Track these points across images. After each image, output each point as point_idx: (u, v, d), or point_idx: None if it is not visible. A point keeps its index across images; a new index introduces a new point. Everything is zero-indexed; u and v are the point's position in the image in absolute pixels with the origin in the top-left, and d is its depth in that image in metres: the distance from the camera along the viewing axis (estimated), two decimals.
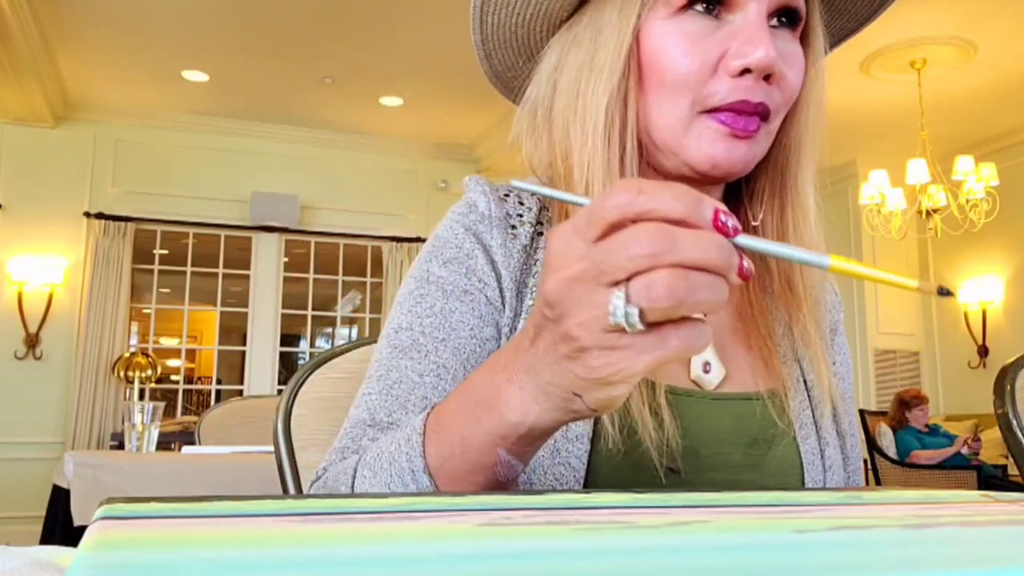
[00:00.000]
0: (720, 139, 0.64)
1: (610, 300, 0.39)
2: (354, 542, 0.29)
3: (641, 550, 0.28)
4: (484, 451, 0.49)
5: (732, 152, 0.64)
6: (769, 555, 0.28)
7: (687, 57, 0.64)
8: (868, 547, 0.30)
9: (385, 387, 0.67)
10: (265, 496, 0.38)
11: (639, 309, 0.38)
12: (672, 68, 0.64)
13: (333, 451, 0.67)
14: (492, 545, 0.28)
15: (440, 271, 0.71)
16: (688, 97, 0.64)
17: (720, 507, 0.39)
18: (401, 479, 0.53)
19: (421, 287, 0.71)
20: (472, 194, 0.75)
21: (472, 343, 0.68)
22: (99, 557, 0.25)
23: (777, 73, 0.63)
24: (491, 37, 0.76)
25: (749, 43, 0.62)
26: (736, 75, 0.63)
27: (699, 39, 0.64)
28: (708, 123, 0.64)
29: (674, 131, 0.65)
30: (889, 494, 0.50)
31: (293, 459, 0.86)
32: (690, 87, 0.64)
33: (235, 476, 1.92)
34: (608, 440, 0.63)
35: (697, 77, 0.64)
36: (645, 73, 0.66)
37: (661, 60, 0.64)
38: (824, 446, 0.72)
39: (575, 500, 0.40)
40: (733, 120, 0.63)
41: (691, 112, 0.64)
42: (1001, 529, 0.35)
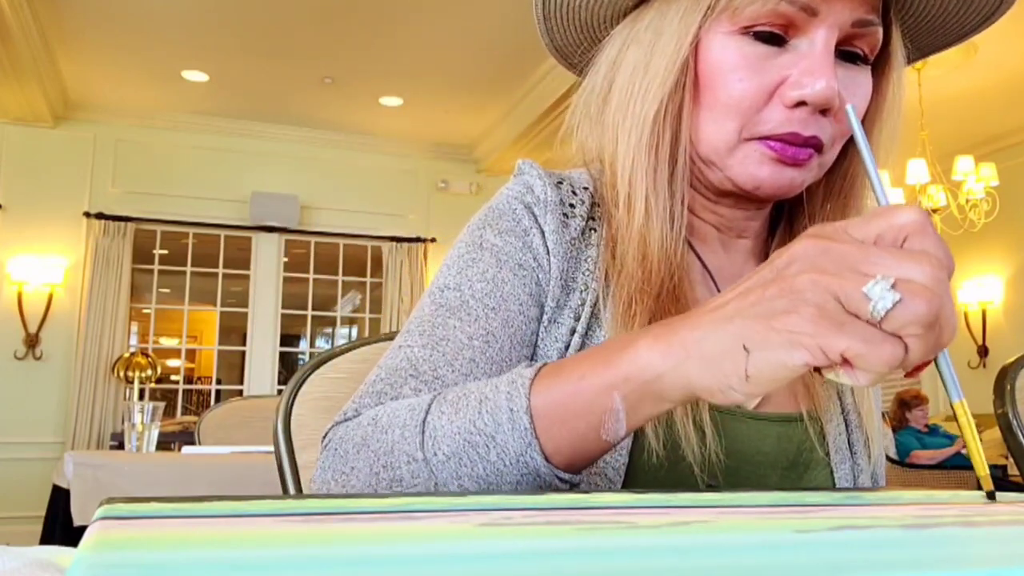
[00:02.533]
0: (767, 162, 0.63)
1: (875, 279, 0.39)
2: (354, 542, 0.29)
3: (641, 550, 0.28)
4: (600, 392, 0.48)
5: (778, 176, 0.63)
6: (770, 555, 0.28)
7: (743, 82, 0.62)
8: (868, 547, 0.30)
9: (430, 342, 0.63)
10: (265, 496, 0.38)
11: (897, 301, 0.39)
12: (726, 90, 0.62)
13: (363, 395, 0.62)
14: (492, 545, 0.28)
15: (495, 239, 0.67)
16: (737, 122, 0.63)
17: (720, 507, 0.39)
18: (493, 417, 0.50)
19: (473, 252, 0.67)
20: (528, 176, 0.70)
21: (520, 319, 0.65)
22: (99, 557, 0.25)
23: (835, 107, 0.61)
24: (553, 15, 0.73)
25: (809, 74, 0.60)
26: (791, 106, 0.61)
27: (759, 63, 0.62)
28: (756, 147, 0.63)
29: (718, 150, 0.64)
30: (889, 494, 0.50)
31: (293, 459, 0.86)
32: (741, 112, 0.62)
33: (235, 476, 1.92)
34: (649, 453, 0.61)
35: (751, 103, 0.62)
36: (700, 88, 0.64)
37: (716, 79, 0.63)
38: (858, 473, 0.71)
39: (575, 500, 0.40)
40: (782, 148, 0.62)
41: (738, 137, 0.63)
42: (1001, 529, 0.35)
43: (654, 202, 0.64)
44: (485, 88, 5.31)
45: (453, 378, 0.61)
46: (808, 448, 0.68)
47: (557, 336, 0.65)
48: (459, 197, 6.43)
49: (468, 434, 0.51)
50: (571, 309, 0.66)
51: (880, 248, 0.41)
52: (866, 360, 0.40)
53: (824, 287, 0.40)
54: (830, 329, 0.40)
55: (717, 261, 0.72)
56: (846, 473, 0.70)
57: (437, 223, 6.39)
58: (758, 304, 0.42)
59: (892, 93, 0.68)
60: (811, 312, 0.40)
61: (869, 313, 0.39)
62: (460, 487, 0.51)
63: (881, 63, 0.67)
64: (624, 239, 0.65)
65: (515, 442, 0.49)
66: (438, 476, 0.51)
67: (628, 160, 0.65)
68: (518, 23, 4.43)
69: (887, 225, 0.42)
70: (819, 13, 0.60)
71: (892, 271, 0.40)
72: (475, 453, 0.50)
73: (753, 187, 0.64)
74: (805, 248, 0.42)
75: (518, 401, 0.50)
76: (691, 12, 0.63)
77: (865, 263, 0.40)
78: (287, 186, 6.05)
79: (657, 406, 0.47)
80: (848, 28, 0.62)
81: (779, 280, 0.42)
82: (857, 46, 0.64)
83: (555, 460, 0.50)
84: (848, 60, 0.64)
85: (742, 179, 0.64)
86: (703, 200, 0.70)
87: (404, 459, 0.53)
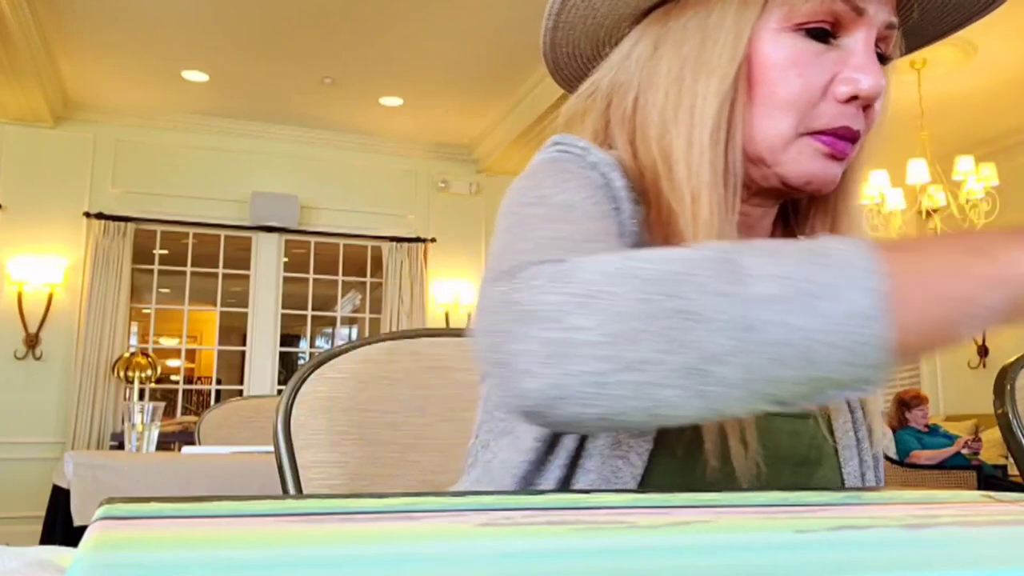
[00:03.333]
0: (819, 158, 0.65)
1: None
2: (354, 542, 0.29)
3: (641, 550, 0.28)
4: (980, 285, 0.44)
5: (827, 171, 0.65)
6: (769, 555, 0.28)
7: (802, 77, 0.63)
8: (868, 547, 0.30)
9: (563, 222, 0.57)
10: (265, 496, 0.38)
11: None
12: (786, 87, 0.64)
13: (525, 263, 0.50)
14: (492, 545, 0.28)
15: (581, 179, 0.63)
16: (795, 117, 0.64)
17: (720, 507, 0.39)
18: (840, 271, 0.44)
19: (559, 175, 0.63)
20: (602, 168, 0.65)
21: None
22: (99, 557, 0.25)
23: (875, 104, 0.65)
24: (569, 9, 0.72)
25: (860, 71, 0.63)
26: (843, 101, 0.63)
27: (812, 60, 0.64)
28: (810, 143, 0.64)
29: (773, 146, 0.65)
30: (889, 494, 0.50)
31: (293, 459, 0.86)
32: (800, 108, 0.64)
33: (235, 476, 1.92)
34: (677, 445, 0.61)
35: (808, 99, 0.64)
36: (754, 84, 0.65)
37: (773, 75, 0.64)
38: (865, 469, 0.71)
39: (575, 500, 0.40)
40: (834, 143, 0.64)
41: (794, 132, 0.64)
42: (1001, 529, 0.35)
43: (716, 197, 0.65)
44: (485, 88, 5.31)
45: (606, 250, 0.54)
46: (818, 445, 0.68)
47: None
48: (459, 197, 6.43)
49: (802, 281, 0.44)
50: None
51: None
52: None
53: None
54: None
55: None
56: (854, 469, 0.70)
57: (437, 223, 6.39)
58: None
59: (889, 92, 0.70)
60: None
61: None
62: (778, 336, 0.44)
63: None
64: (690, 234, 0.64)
65: (865, 302, 0.43)
66: (751, 315, 0.44)
67: (694, 157, 0.65)
68: (518, 23, 4.43)
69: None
70: (865, 12, 0.63)
71: None
72: (808, 302, 0.44)
73: (804, 182, 0.65)
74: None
75: (873, 263, 0.44)
76: (747, 8, 0.64)
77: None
78: (287, 186, 6.05)
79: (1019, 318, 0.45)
80: (883, 30, 0.65)
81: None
82: (881, 47, 0.66)
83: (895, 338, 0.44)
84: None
85: (793, 175, 0.65)
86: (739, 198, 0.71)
87: (704, 290, 0.45)
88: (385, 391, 0.94)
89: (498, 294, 0.49)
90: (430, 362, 0.98)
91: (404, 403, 0.95)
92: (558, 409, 0.46)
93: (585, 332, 0.45)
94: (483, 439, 0.70)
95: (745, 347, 0.43)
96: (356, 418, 0.91)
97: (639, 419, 0.46)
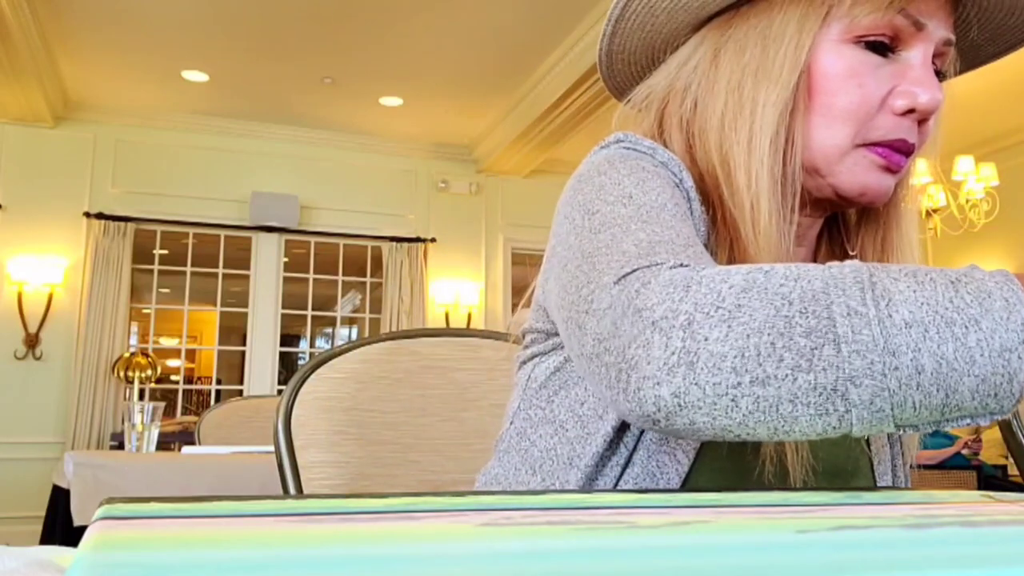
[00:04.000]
0: (874, 170, 0.65)
1: None
2: (354, 542, 0.29)
3: (641, 550, 0.28)
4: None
5: (882, 183, 0.66)
6: (770, 555, 0.28)
7: (862, 88, 0.64)
8: (868, 547, 0.30)
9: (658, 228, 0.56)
10: (265, 496, 0.38)
11: None
12: (846, 97, 0.64)
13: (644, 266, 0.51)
14: (492, 545, 0.28)
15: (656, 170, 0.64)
16: (853, 128, 0.65)
17: (721, 507, 0.39)
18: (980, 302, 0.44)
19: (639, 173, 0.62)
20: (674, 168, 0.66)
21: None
22: (99, 557, 0.25)
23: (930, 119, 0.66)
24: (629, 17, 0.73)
25: (918, 84, 0.64)
26: (900, 114, 0.64)
27: (871, 72, 0.64)
28: (866, 154, 0.65)
29: (829, 156, 0.66)
30: (889, 494, 0.50)
31: (293, 459, 0.86)
32: (858, 119, 0.64)
33: (235, 476, 1.92)
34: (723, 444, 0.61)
35: (866, 110, 0.64)
36: (813, 94, 0.65)
37: (832, 86, 0.65)
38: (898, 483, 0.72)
39: (575, 500, 0.40)
40: (890, 155, 0.65)
41: (850, 143, 0.65)
42: (1001, 529, 0.35)
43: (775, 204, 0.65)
44: (485, 88, 5.31)
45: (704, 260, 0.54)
46: (855, 456, 0.69)
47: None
48: (459, 197, 6.43)
49: (943, 308, 0.44)
50: None
51: None
52: None
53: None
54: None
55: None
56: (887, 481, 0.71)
57: (437, 223, 6.39)
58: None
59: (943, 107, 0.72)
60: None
61: None
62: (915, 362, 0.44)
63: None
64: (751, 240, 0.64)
65: (1007, 334, 0.44)
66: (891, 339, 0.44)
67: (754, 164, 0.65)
68: (518, 23, 4.43)
69: None
70: (924, 28, 0.64)
71: None
72: (948, 331, 0.44)
73: (859, 194, 0.66)
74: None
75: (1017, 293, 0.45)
76: (808, 19, 0.65)
77: None
78: (287, 186, 6.05)
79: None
80: (940, 46, 0.66)
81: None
82: (937, 63, 0.67)
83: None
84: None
85: (847, 185, 0.66)
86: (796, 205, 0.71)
87: (841, 310, 0.44)
88: (385, 391, 0.94)
89: (618, 297, 0.49)
90: (430, 362, 0.98)
91: (404, 403, 0.95)
92: (678, 417, 0.46)
93: (715, 343, 0.45)
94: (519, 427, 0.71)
95: (882, 370, 0.44)
96: (356, 418, 0.91)
97: (760, 433, 0.46)
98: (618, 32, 0.74)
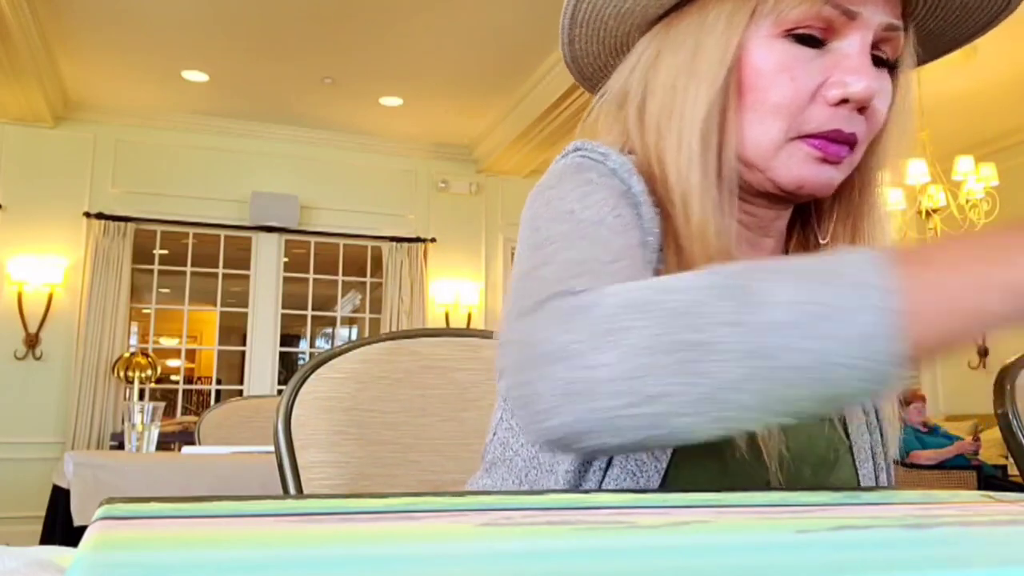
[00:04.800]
0: (810, 162, 0.65)
1: None
2: (354, 542, 0.29)
3: (641, 550, 0.28)
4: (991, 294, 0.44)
5: (820, 175, 0.65)
6: (770, 555, 0.28)
7: (793, 81, 0.64)
8: (868, 547, 0.30)
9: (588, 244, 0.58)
10: (265, 496, 0.38)
11: None
12: (776, 92, 0.64)
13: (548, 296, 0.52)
14: (492, 545, 0.28)
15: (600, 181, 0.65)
16: (785, 122, 0.64)
17: (720, 507, 0.39)
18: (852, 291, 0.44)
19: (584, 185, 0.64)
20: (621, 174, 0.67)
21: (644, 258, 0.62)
22: (99, 557, 0.25)
23: (871, 106, 0.64)
24: (580, 24, 0.74)
25: (851, 73, 0.63)
26: (834, 104, 0.63)
27: (802, 64, 0.64)
28: (800, 147, 0.65)
29: (763, 151, 0.65)
30: (889, 494, 0.50)
31: (293, 459, 0.86)
32: (789, 113, 0.64)
33: (235, 476, 1.92)
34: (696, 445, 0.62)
35: (797, 104, 0.64)
36: (744, 90, 0.65)
37: (763, 81, 0.64)
38: (879, 472, 0.72)
39: (575, 500, 0.40)
40: (825, 146, 0.64)
41: (784, 137, 0.65)
42: (1001, 529, 0.35)
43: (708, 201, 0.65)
44: (485, 88, 5.31)
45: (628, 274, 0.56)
46: (835, 447, 0.69)
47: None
48: (459, 197, 6.43)
49: (811, 304, 0.45)
50: None
51: None
52: None
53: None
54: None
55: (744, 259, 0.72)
56: (869, 471, 0.71)
57: (437, 223, 6.39)
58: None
59: (901, 97, 0.70)
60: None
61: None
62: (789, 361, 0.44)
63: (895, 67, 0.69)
64: (686, 236, 0.66)
65: (875, 322, 0.43)
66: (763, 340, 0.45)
67: (683, 161, 0.66)
68: (518, 23, 4.43)
69: None
70: (857, 17, 0.63)
71: None
72: (815, 326, 0.44)
73: (796, 187, 0.66)
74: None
75: (882, 279, 0.44)
76: (736, 16, 0.65)
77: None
78: (287, 186, 6.05)
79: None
80: (880, 32, 0.65)
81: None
82: (883, 50, 0.66)
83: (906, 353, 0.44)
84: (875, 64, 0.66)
85: (785, 179, 0.66)
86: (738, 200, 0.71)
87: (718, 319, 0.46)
88: (385, 391, 0.94)
89: (521, 331, 0.51)
90: (430, 362, 0.98)
91: (404, 403, 0.95)
92: (582, 442, 0.48)
93: (604, 369, 0.46)
94: (502, 436, 0.72)
95: (758, 374, 0.45)
96: (356, 418, 0.91)
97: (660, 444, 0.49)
98: (575, 39, 0.75)
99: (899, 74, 0.70)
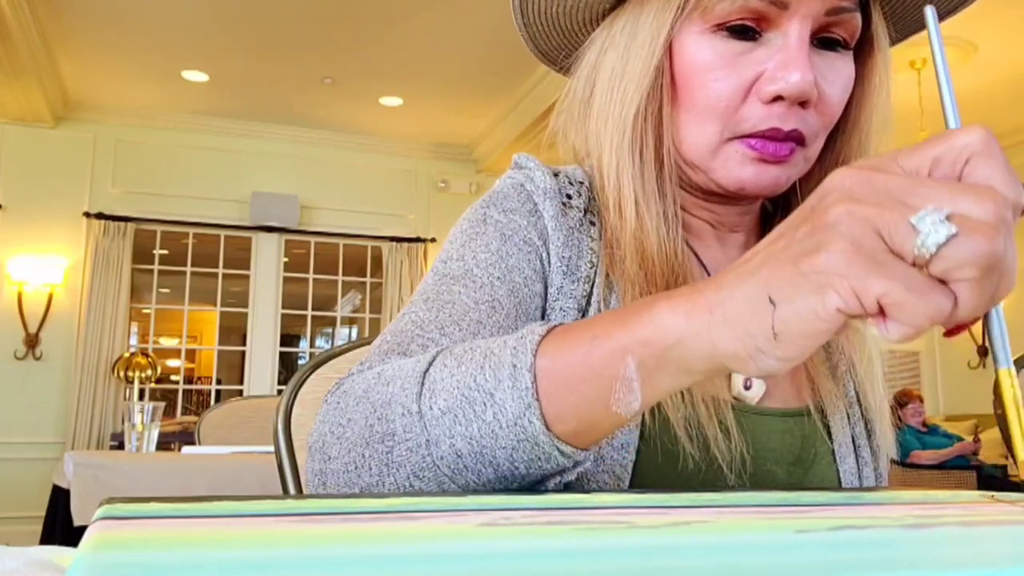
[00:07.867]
0: (749, 163, 0.62)
1: (926, 209, 0.34)
2: (354, 542, 0.29)
3: (641, 550, 0.28)
4: (613, 356, 0.41)
5: (761, 176, 0.62)
6: (769, 555, 0.28)
7: (720, 82, 0.61)
8: (868, 547, 0.30)
9: (435, 306, 0.59)
10: (265, 496, 0.38)
11: (952, 235, 0.33)
12: (704, 91, 0.61)
13: (370, 356, 0.57)
14: (492, 545, 0.28)
15: (499, 216, 0.66)
16: (718, 123, 0.62)
17: (720, 507, 0.39)
18: (495, 373, 0.44)
19: (477, 227, 0.66)
20: (527, 169, 0.70)
21: (526, 291, 0.63)
22: (99, 557, 0.25)
23: (813, 99, 0.60)
24: (533, 23, 0.73)
25: (784, 68, 0.59)
26: (768, 101, 0.60)
27: (733, 60, 0.61)
28: (737, 147, 0.62)
29: (701, 152, 0.63)
30: (889, 494, 0.50)
31: (293, 459, 0.86)
32: (720, 113, 0.61)
33: (235, 476, 1.92)
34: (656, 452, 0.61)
35: (728, 103, 0.61)
36: (677, 89, 0.63)
37: (693, 80, 0.62)
38: (862, 466, 0.71)
39: (575, 500, 0.40)
40: (763, 146, 0.61)
41: (720, 138, 0.62)
42: (1001, 529, 0.35)
43: (645, 206, 0.64)
44: (485, 88, 5.31)
45: (460, 336, 0.57)
46: (813, 443, 0.68)
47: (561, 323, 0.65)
48: (459, 197, 6.43)
49: (467, 389, 0.45)
50: (575, 299, 0.65)
51: (934, 179, 0.35)
52: (905, 310, 0.34)
53: (862, 217, 0.34)
54: (867, 268, 0.34)
55: (713, 256, 0.72)
56: (850, 468, 0.69)
57: (437, 223, 6.39)
58: (787, 248, 0.37)
59: (879, 77, 0.67)
60: (844, 248, 0.34)
61: (916, 249, 0.33)
62: (452, 448, 0.45)
63: (863, 47, 0.66)
64: (621, 242, 0.65)
65: (514, 402, 0.43)
66: (430, 432, 0.45)
67: (613, 164, 0.65)
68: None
69: (945, 147, 0.37)
70: (789, 6, 0.60)
71: (946, 204, 0.33)
72: (471, 411, 0.44)
73: (737, 188, 0.64)
74: (842, 178, 0.36)
75: (522, 358, 0.44)
76: (662, 13, 0.62)
77: (914, 195, 0.34)
78: (287, 186, 6.05)
79: (677, 378, 0.41)
80: (822, 17, 0.61)
81: (812, 216, 0.36)
82: (835, 32, 0.62)
83: (556, 428, 0.43)
84: (827, 47, 0.63)
85: (725, 181, 0.63)
86: (693, 199, 0.70)
87: (399, 411, 0.47)
88: None
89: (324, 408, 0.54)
90: None
91: None
92: None
93: (334, 461, 0.50)
94: None
95: (432, 461, 0.46)
96: None
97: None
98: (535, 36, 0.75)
99: (873, 54, 0.66)
